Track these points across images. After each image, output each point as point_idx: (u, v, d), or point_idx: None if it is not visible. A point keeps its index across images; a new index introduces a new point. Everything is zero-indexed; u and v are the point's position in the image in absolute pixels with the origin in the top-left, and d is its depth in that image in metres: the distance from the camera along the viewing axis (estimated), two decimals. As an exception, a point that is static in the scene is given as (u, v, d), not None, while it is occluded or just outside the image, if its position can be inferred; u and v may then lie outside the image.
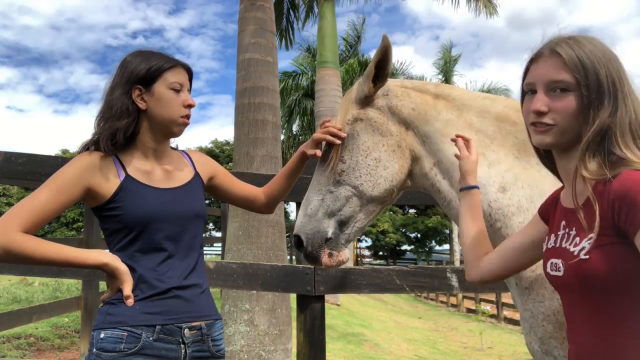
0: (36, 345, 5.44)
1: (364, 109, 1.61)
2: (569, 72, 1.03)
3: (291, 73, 19.44)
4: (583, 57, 1.03)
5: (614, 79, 1.02)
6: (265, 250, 4.93)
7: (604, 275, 0.96)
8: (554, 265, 1.07)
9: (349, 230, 1.60)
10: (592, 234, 0.97)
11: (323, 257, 1.59)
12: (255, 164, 5.23)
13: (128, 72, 1.44)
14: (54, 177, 1.35)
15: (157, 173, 1.48)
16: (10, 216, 1.27)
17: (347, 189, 1.56)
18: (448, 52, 23.14)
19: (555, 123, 1.04)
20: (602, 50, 1.05)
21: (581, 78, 1.01)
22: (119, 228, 1.39)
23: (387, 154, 1.55)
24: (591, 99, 1.01)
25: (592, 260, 0.97)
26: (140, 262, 1.39)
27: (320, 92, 12.38)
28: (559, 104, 1.03)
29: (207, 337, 1.44)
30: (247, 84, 5.55)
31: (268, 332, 4.71)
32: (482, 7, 13.10)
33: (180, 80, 1.48)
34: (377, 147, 1.56)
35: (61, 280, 9.63)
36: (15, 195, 33.98)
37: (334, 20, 12.97)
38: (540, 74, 1.07)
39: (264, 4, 5.86)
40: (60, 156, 2.37)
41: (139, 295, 1.36)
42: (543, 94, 1.06)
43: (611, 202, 0.95)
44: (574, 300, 1.05)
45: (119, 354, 1.30)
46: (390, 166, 1.55)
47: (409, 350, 8.01)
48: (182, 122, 1.48)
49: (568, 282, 1.04)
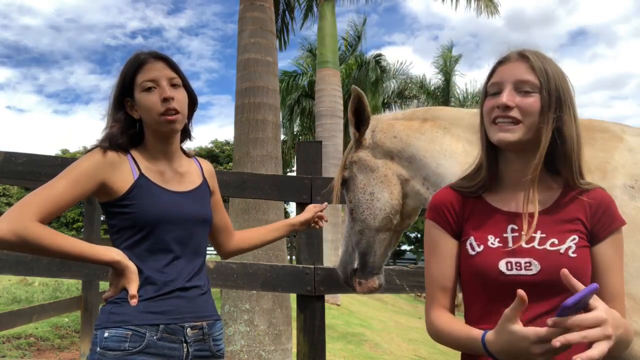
0: (36, 345, 5.44)
1: (357, 152, 1.80)
2: (535, 75, 1.11)
3: (291, 73, 19.42)
4: (546, 65, 1.13)
5: (570, 94, 1.14)
6: (265, 250, 4.93)
7: (585, 273, 1.08)
8: (517, 265, 1.09)
9: (371, 259, 1.81)
10: (575, 236, 1.09)
11: (356, 286, 1.86)
12: (255, 164, 5.23)
13: (117, 83, 1.45)
14: (71, 168, 1.35)
15: (169, 175, 1.48)
16: (27, 204, 1.25)
17: (358, 224, 1.78)
18: (449, 51, 23.12)
19: (521, 119, 1.11)
20: (560, 68, 1.16)
21: (544, 82, 1.11)
22: (128, 225, 1.39)
23: (377, 187, 1.74)
24: (551, 103, 1.10)
25: (578, 259, 1.08)
26: (147, 262, 1.39)
27: (320, 92, 12.38)
28: (525, 102, 1.11)
29: (208, 336, 1.44)
30: (247, 84, 5.55)
31: (268, 332, 4.71)
32: (484, 7, 13.10)
33: (151, 76, 1.39)
34: (369, 182, 1.75)
35: (61, 280, 9.63)
36: (15, 195, 33.97)
37: (334, 20, 12.97)
38: (509, 73, 1.14)
39: (263, 4, 5.86)
40: (60, 156, 2.36)
41: (143, 295, 1.36)
42: (511, 90, 1.12)
43: (595, 209, 1.12)
44: (538, 299, 1.08)
45: (123, 353, 1.29)
46: (382, 197, 1.73)
47: (409, 350, 8.01)
48: (163, 120, 1.39)
49: (542, 280, 1.07)
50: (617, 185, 1.33)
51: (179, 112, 1.41)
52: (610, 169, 1.38)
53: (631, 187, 1.34)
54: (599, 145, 1.43)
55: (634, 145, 1.42)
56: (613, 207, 1.14)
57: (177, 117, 1.40)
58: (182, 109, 1.43)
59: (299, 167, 2.54)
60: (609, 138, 1.44)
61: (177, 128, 1.43)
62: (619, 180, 1.35)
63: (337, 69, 12.79)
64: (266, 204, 5.11)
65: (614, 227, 1.12)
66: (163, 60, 1.43)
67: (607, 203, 1.14)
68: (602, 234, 1.12)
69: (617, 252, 1.13)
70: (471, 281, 1.17)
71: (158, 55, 1.44)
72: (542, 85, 1.10)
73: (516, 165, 1.17)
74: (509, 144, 1.12)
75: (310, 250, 2.45)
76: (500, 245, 1.12)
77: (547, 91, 1.10)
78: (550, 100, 1.10)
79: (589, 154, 1.38)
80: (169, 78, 1.42)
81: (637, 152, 1.41)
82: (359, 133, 1.78)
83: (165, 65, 1.43)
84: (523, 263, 1.09)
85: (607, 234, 1.12)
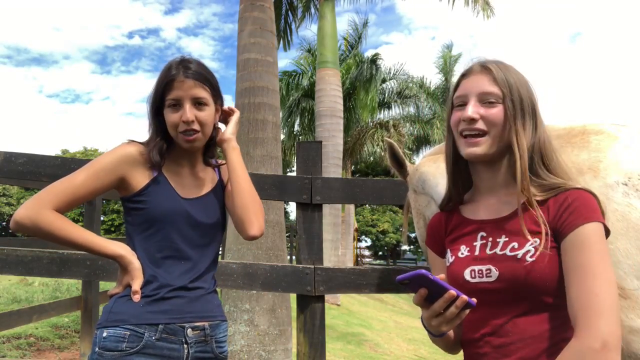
0: (36, 345, 5.44)
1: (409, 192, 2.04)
2: (498, 86, 1.14)
3: (291, 73, 19.41)
4: (508, 76, 1.15)
5: (533, 102, 1.16)
6: (265, 250, 4.93)
7: (549, 277, 1.04)
8: (480, 272, 1.11)
9: None
10: (537, 238, 1.06)
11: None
12: (255, 164, 5.23)
13: (152, 94, 1.48)
14: (94, 162, 1.42)
15: (188, 179, 1.51)
16: (46, 193, 1.35)
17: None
18: (449, 51, 23.11)
19: (487, 130, 1.14)
20: (522, 76, 1.18)
21: (507, 92, 1.13)
22: (140, 222, 1.42)
23: (416, 219, 1.97)
24: (515, 112, 1.12)
25: (537, 263, 1.05)
26: (154, 259, 1.40)
27: (320, 92, 12.38)
28: (489, 112, 1.13)
29: (210, 338, 1.43)
30: (247, 84, 5.55)
31: (268, 332, 4.71)
32: (480, 10, 13.10)
33: (176, 95, 1.42)
34: (415, 217, 1.98)
35: (61, 280, 9.63)
36: (15, 195, 33.97)
37: (334, 20, 12.96)
38: (472, 86, 1.17)
39: (263, 3, 5.85)
40: (60, 156, 2.36)
41: (146, 292, 1.37)
42: (475, 103, 1.15)
43: (557, 208, 1.07)
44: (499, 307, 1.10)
45: (121, 353, 1.29)
46: (418, 227, 1.97)
47: (409, 350, 8.00)
48: (182, 139, 1.44)
49: (500, 286, 1.08)
50: (609, 184, 1.32)
51: (198, 132, 1.44)
52: (602, 168, 1.37)
53: (624, 184, 1.33)
54: (592, 147, 1.44)
55: (629, 142, 1.41)
56: (585, 205, 1.05)
57: (196, 136, 1.44)
58: (203, 128, 1.45)
59: (299, 167, 2.54)
60: (603, 138, 1.45)
61: (196, 146, 1.48)
62: (611, 178, 1.35)
63: (337, 69, 12.78)
64: (266, 204, 5.11)
65: (577, 223, 1.03)
66: (192, 77, 1.43)
67: (576, 201, 1.06)
68: (563, 230, 1.05)
69: (580, 250, 1.00)
70: None
71: (188, 71, 1.43)
72: (505, 95, 1.13)
73: (486, 174, 1.19)
74: (477, 157, 1.16)
75: (310, 250, 2.45)
76: (468, 255, 1.15)
77: (511, 100, 1.12)
78: (515, 109, 1.12)
79: (582, 156, 1.40)
80: (194, 98, 1.43)
81: (634, 149, 1.39)
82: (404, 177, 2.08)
83: (194, 82, 1.43)
84: (484, 270, 1.11)
85: (567, 231, 1.04)
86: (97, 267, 2.30)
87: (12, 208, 33.94)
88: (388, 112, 21.34)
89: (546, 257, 1.05)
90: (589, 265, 0.99)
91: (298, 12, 13.78)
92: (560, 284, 1.05)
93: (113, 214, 30.43)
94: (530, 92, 1.16)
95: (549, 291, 1.05)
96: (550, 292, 1.05)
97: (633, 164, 1.36)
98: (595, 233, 1.02)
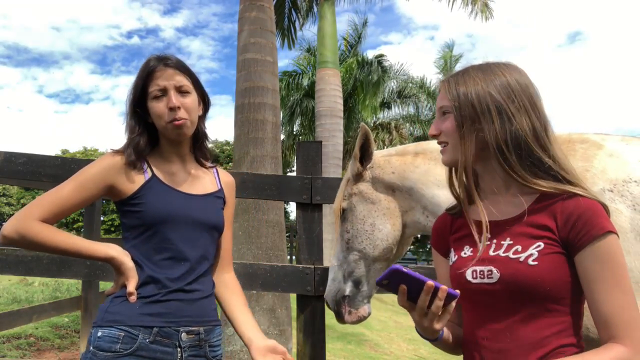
0: (36, 345, 5.44)
1: (356, 184, 1.90)
2: (447, 98, 1.21)
3: (291, 72, 19.41)
4: (459, 87, 1.19)
5: (496, 102, 1.14)
6: (265, 250, 4.94)
7: (550, 282, 1.04)
8: (481, 273, 1.12)
9: (364, 287, 1.89)
10: (541, 242, 1.07)
11: (345, 315, 1.90)
12: (255, 164, 5.23)
13: (131, 91, 1.49)
14: (79, 173, 1.42)
15: (182, 176, 1.50)
16: (33, 205, 1.36)
17: (355, 254, 1.86)
18: (450, 50, 23.11)
19: (447, 141, 1.22)
20: (487, 81, 1.17)
21: (455, 103, 1.18)
22: (136, 224, 1.41)
23: (380, 218, 1.83)
24: (464, 120, 1.16)
25: (539, 267, 1.05)
26: (151, 260, 1.39)
27: (320, 92, 12.39)
28: (444, 124, 1.22)
29: (204, 342, 1.42)
30: (247, 84, 5.55)
31: (268, 332, 4.71)
32: (478, 11, 13.10)
33: (159, 84, 1.43)
34: (370, 214, 1.84)
35: (61, 280, 9.64)
36: (15, 195, 33.97)
37: (334, 20, 12.97)
38: (437, 102, 1.27)
39: (263, 4, 5.86)
40: (60, 156, 2.36)
41: (142, 293, 1.36)
42: (437, 118, 1.26)
43: (566, 217, 1.07)
44: (499, 310, 1.10)
45: (114, 354, 1.29)
46: (384, 228, 1.82)
47: (409, 350, 8.00)
48: (171, 127, 1.43)
49: (501, 288, 1.08)
50: (596, 192, 1.36)
51: (186, 118, 1.44)
52: (590, 177, 1.43)
53: (610, 190, 1.39)
54: (579, 156, 1.48)
55: (613, 150, 1.47)
56: (594, 215, 1.06)
57: (183, 121, 1.44)
58: (189, 115, 1.46)
59: (299, 167, 2.53)
60: (588, 147, 1.50)
61: (186, 132, 1.47)
62: (598, 186, 1.41)
63: (337, 69, 12.79)
64: (266, 204, 5.11)
65: (591, 235, 1.04)
66: (172, 66, 1.45)
67: (584, 211, 1.07)
68: (579, 242, 1.05)
69: (603, 264, 1.03)
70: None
71: (167, 61, 1.46)
72: (454, 106, 1.19)
73: (486, 177, 1.21)
74: (448, 164, 1.25)
75: (310, 250, 2.45)
76: (471, 255, 1.16)
77: (458, 110, 1.18)
78: (463, 117, 1.16)
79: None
80: (177, 86, 1.44)
81: (618, 157, 1.45)
82: (362, 167, 1.88)
83: (175, 71, 1.45)
84: (486, 271, 1.11)
85: (584, 242, 1.04)
86: (97, 267, 2.30)
87: (12, 208, 33.97)
88: (388, 112, 21.37)
89: (549, 262, 1.05)
90: (617, 279, 1.03)
91: (302, 10, 13.77)
92: (564, 290, 1.06)
93: (113, 214, 30.42)
94: (489, 96, 1.14)
95: (550, 296, 1.05)
96: (551, 298, 1.05)
97: (617, 172, 1.42)
98: (618, 246, 1.05)
